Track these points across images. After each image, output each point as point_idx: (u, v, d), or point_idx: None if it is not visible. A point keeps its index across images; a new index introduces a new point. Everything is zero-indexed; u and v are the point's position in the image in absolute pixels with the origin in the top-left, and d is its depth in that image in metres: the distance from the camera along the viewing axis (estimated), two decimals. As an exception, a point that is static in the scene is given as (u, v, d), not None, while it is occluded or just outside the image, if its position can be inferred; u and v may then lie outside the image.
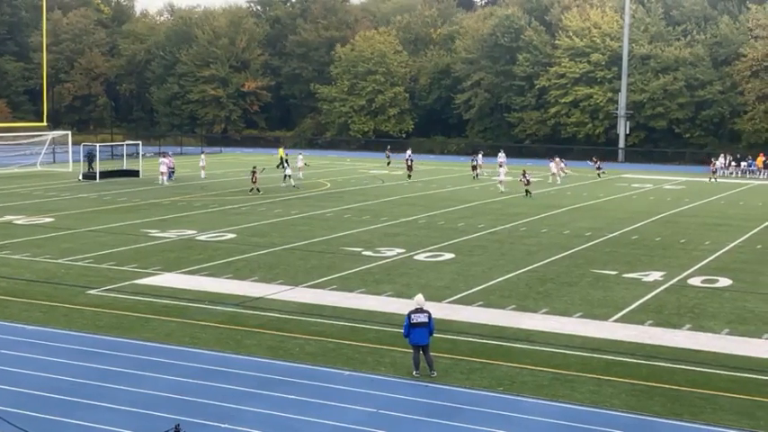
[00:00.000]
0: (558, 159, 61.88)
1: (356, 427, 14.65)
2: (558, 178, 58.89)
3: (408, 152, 67.82)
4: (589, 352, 18.95)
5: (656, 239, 34.39)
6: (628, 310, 22.76)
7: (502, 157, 65.71)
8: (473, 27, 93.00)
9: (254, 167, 51.56)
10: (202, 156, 63.24)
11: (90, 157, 60.56)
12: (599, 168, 64.64)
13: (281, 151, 67.87)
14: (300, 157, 61.95)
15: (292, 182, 53.34)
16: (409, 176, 59.43)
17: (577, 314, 22.21)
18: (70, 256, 29.28)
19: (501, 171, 54.35)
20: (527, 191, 49.48)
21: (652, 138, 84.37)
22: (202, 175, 58.54)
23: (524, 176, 50.62)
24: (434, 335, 17.75)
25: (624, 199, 49.55)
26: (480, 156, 67.26)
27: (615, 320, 21.73)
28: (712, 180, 61.91)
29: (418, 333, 17.22)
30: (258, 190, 49.18)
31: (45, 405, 15.37)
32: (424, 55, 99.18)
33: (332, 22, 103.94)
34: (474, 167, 61.40)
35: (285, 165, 56.48)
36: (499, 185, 52.70)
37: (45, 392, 16.00)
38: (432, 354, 17.53)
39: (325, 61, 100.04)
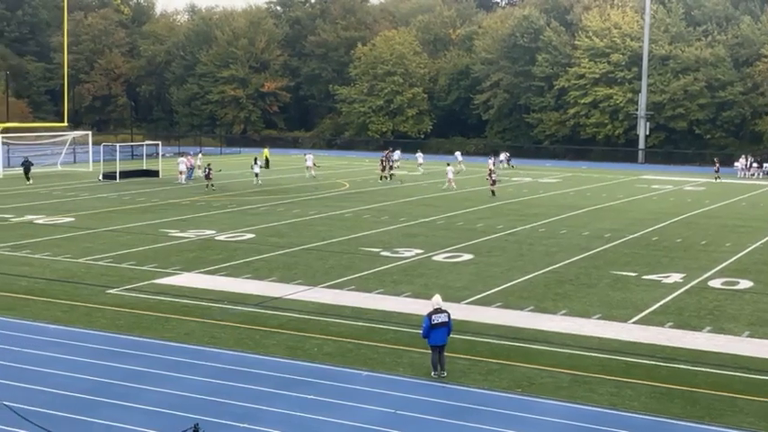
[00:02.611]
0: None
1: (374, 428, 14.66)
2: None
3: (386, 152, 67.97)
4: (608, 354, 18.89)
5: (676, 241, 34.22)
6: (647, 311, 22.65)
7: (459, 157, 68.80)
8: (492, 27, 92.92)
9: (209, 165, 53.34)
10: (199, 155, 64.05)
11: (26, 167, 55.64)
12: (502, 162, 65.64)
13: (265, 152, 69.52)
14: (310, 156, 62.31)
15: (259, 181, 54.69)
16: (382, 178, 58.25)
17: (596, 315, 22.14)
18: (90, 255, 29.46)
19: (449, 170, 54.53)
20: (492, 191, 49.44)
21: (672, 139, 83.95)
22: (200, 174, 59.24)
23: (490, 176, 50.71)
24: (453, 335, 17.74)
25: (644, 200, 49.33)
26: (504, 155, 68.20)
27: (634, 322, 21.63)
28: (718, 180, 61.74)
29: (439, 333, 17.19)
30: (213, 185, 51.31)
31: (67, 404, 15.47)
32: (443, 56, 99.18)
33: (351, 23, 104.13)
34: (384, 168, 59.07)
35: (254, 163, 56.99)
36: (446, 184, 53.15)
37: (67, 391, 16.11)
38: (449, 354, 17.52)
39: (344, 62, 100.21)
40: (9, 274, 26.38)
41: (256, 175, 55.38)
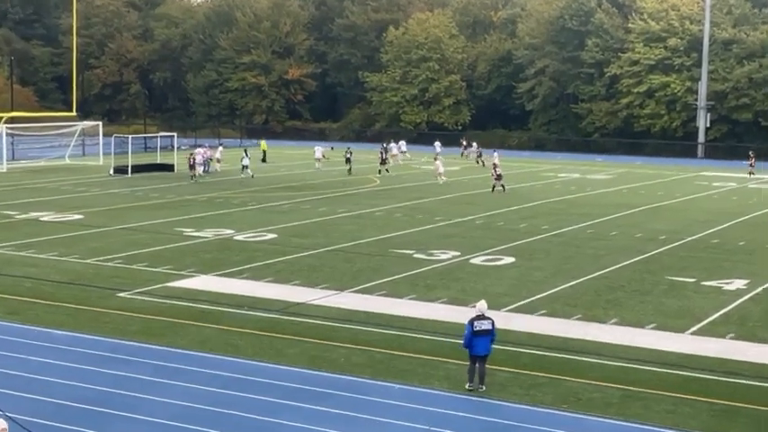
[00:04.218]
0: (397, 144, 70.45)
1: (406, 446, 14.67)
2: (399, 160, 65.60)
3: (391, 144, 70.54)
4: (664, 367, 18.75)
5: (739, 244, 33.94)
6: (707, 321, 22.48)
7: (438, 148, 70.51)
8: (537, 9, 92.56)
9: (193, 156, 55.63)
10: (219, 148, 64.60)
11: None
12: (478, 155, 68.03)
13: (263, 144, 71.06)
14: (318, 148, 63.84)
15: (250, 172, 56.00)
16: (380, 171, 58.98)
17: (651, 325, 22.00)
18: (100, 255, 29.70)
19: (438, 163, 56.09)
20: (500, 185, 49.62)
21: (735, 131, 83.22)
22: (218, 168, 59.94)
23: (495, 170, 50.75)
24: (492, 346, 17.64)
25: (704, 199, 48.99)
26: (475, 145, 71.89)
27: (693, 333, 21.48)
28: (752, 175, 61.35)
29: (481, 342, 17.14)
30: (193, 177, 54.07)
31: (72, 415, 15.60)
32: (482, 40, 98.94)
33: (382, 4, 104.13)
34: (384, 161, 61.04)
35: (244, 155, 57.80)
36: (438, 178, 54.40)
37: (72, 402, 16.24)
38: (489, 366, 17.46)
39: (375, 47, 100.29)
40: (13, 275, 26.67)
41: (245, 167, 56.32)
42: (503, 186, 49.47)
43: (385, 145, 68.47)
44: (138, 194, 46.81)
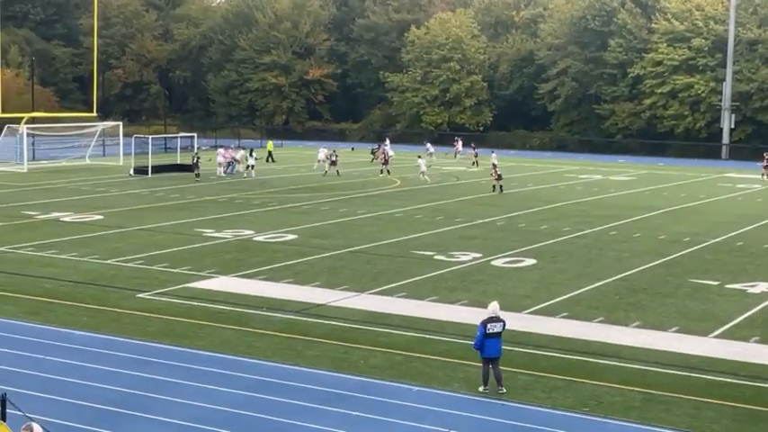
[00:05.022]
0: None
1: (425, 448, 14.67)
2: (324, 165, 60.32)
3: (387, 144, 70.54)
4: (686, 371, 18.68)
5: (763, 246, 33.75)
6: (731, 324, 22.37)
7: (431, 148, 71.25)
8: (560, 9, 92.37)
9: (197, 155, 56.89)
10: (240, 151, 64.64)
11: None
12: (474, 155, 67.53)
13: (269, 144, 71.97)
14: (322, 150, 64.01)
15: (252, 173, 56.53)
16: (389, 172, 58.69)
17: (673, 328, 21.92)
18: (120, 256, 29.85)
19: (421, 162, 56.71)
20: (499, 186, 49.56)
21: (760, 133, 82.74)
22: (241, 170, 59.82)
23: (494, 169, 50.86)
24: (513, 348, 17.64)
25: (728, 201, 48.74)
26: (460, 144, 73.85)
27: (716, 336, 21.38)
28: (765, 177, 60.71)
29: (493, 344, 17.16)
30: (198, 176, 55.01)
31: (91, 416, 15.68)
32: (504, 40, 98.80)
33: (404, 4, 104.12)
34: (386, 161, 60.93)
35: (249, 155, 58.41)
36: (421, 176, 54.99)
37: (91, 403, 16.33)
38: (509, 369, 17.45)
39: (396, 47, 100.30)
40: (33, 275, 26.85)
41: (251, 167, 56.73)
42: (500, 187, 49.50)
43: (381, 145, 68.40)
44: (158, 195, 47.02)
